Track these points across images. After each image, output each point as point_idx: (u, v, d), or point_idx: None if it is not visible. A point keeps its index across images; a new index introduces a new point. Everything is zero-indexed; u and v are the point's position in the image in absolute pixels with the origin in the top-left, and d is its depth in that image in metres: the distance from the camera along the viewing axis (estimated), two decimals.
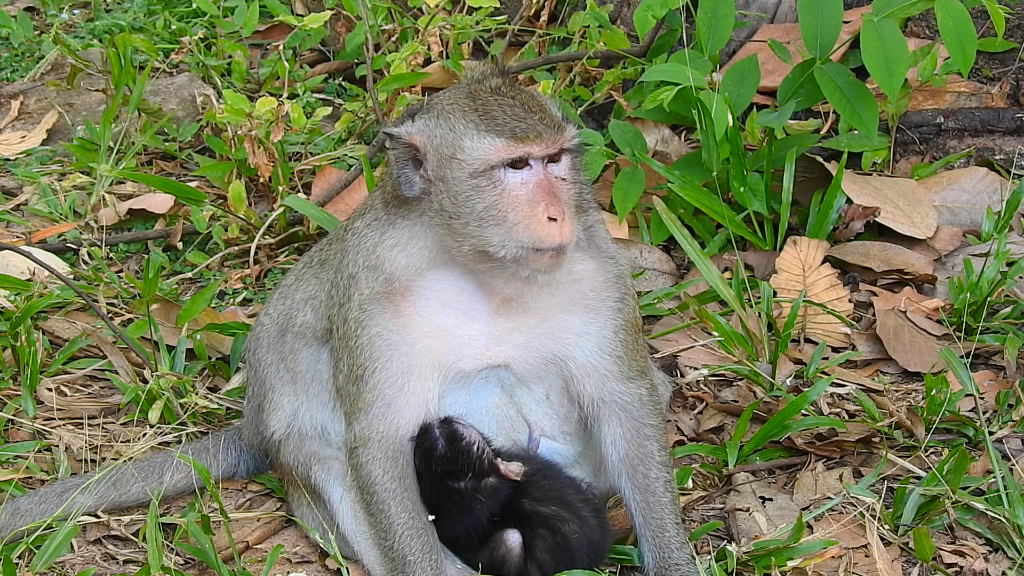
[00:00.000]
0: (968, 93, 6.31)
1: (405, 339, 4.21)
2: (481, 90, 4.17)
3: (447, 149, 4.11)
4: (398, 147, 4.18)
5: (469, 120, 4.09)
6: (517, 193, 4.07)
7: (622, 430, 4.37)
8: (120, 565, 4.51)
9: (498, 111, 4.10)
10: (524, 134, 4.06)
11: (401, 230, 4.25)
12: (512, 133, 4.06)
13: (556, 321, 4.28)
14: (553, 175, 4.11)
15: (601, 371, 4.33)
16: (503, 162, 4.07)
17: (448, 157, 4.11)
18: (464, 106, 4.14)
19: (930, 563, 4.41)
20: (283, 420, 4.60)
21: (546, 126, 4.08)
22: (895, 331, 5.43)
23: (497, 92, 4.16)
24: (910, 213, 5.88)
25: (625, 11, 6.56)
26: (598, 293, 4.33)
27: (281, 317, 4.68)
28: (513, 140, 4.06)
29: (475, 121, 4.09)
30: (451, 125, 4.12)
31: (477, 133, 4.08)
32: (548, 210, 4.05)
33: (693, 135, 6.29)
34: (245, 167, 6.07)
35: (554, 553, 4.26)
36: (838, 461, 4.89)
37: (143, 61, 7.08)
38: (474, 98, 4.15)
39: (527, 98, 4.14)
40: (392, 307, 4.22)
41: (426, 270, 4.23)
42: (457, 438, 4.22)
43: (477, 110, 4.11)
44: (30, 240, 6.04)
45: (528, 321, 4.27)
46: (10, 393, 5.19)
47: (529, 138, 4.06)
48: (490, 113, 4.10)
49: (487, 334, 4.25)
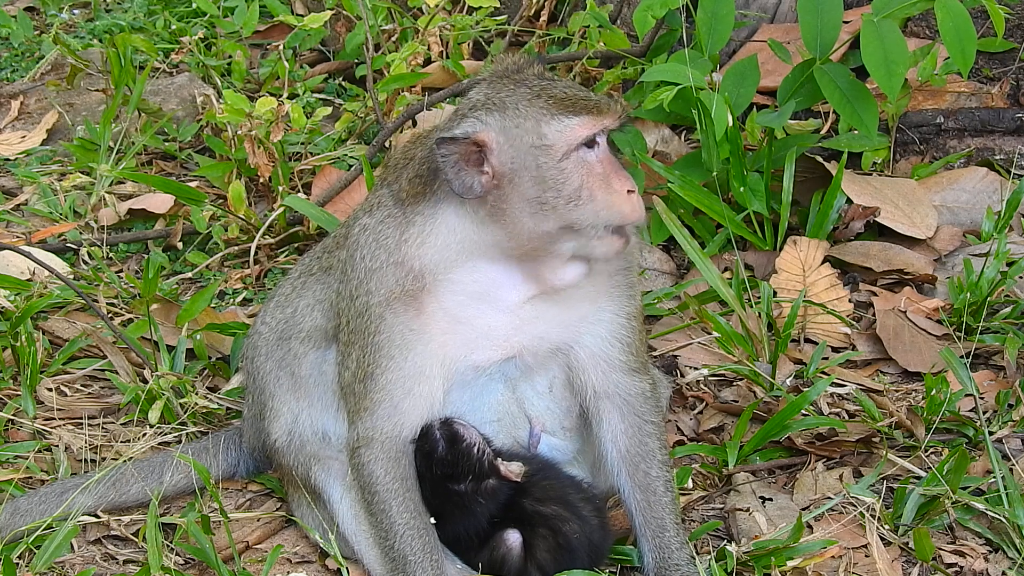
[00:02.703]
0: (968, 93, 6.31)
1: (421, 338, 4.19)
2: (530, 78, 4.18)
3: (527, 137, 4.09)
4: (457, 149, 4.09)
5: (539, 106, 4.09)
6: (598, 171, 4.11)
7: (623, 425, 4.37)
8: (120, 565, 4.51)
9: (562, 93, 4.11)
10: (599, 108, 4.10)
11: (425, 226, 4.21)
12: (589, 110, 4.09)
13: (572, 307, 4.29)
14: (610, 152, 4.17)
15: (608, 359, 4.33)
16: (585, 140, 4.09)
17: (530, 146, 4.09)
18: (525, 94, 4.13)
19: (930, 563, 4.41)
20: (284, 427, 4.58)
21: (607, 102, 4.13)
22: (895, 331, 5.43)
23: (545, 78, 4.18)
24: (910, 213, 5.88)
25: (625, 11, 6.57)
26: (612, 279, 4.34)
27: (280, 325, 4.64)
28: (593, 116, 4.09)
29: (547, 106, 4.09)
30: (522, 114, 4.10)
31: (555, 116, 4.09)
32: (626, 183, 4.12)
33: (693, 135, 6.29)
34: (245, 167, 6.08)
35: (555, 553, 4.26)
36: (838, 461, 4.89)
37: (143, 61, 7.08)
38: (529, 86, 4.15)
39: (567, 85, 4.17)
40: (416, 304, 4.20)
41: (456, 264, 4.20)
42: (457, 440, 4.21)
43: (541, 96, 4.11)
44: (30, 240, 6.04)
45: (551, 310, 4.27)
46: (10, 393, 5.19)
47: (604, 112, 4.10)
48: (557, 96, 4.11)
49: (508, 324, 4.23)
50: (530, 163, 4.09)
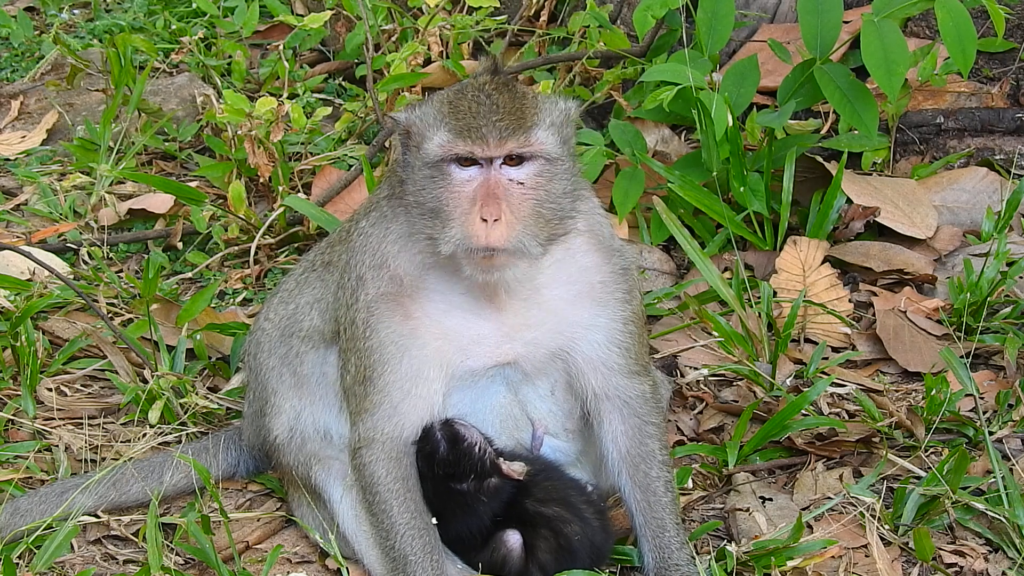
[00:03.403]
0: (968, 93, 6.31)
1: (415, 342, 4.21)
2: (470, 84, 4.16)
3: (418, 137, 4.15)
4: (400, 131, 4.23)
5: (439, 111, 4.11)
6: (460, 190, 4.06)
7: (624, 427, 4.37)
8: (120, 565, 4.51)
9: (464, 106, 4.08)
10: (468, 133, 4.04)
11: (402, 224, 4.26)
12: (459, 130, 4.05)
13: (565, 315, 4.29)
14: (507, 177, 4.07)
15: (607, 364, 4.33)
16: (449, 156, 4.06)
17: (417, 145, 4.15)
18: (444, 97, 4.15)
19: (930, 563, 4.41)
20: (285, 424, 4.59)
21: (497, 129, 4.03)
22: (895, 331, 5.43)
23: (480, 88, 4.12)
24: (910, 213, 5.88)
25: (625, 11, 6.56)
26: (606, 286, 4.33)
27: (283, 321, 4.67)
28: (457, 136, 4.04)
29: (443, 113, 4.10)
30: (428, 113, 4.14)
31: (437, 124, 4.09)
32: (483, 210, 4.02)
33: (693, 135, 6.29)
34: (245, 167, 6.08)
35: (556, 554, 4.26)
36: (838, 461, 4.89)
37: (143, 61, 7.08)
38: (458, 91, 4.15)
39: (506, 98, 4.09)
40: (401, 309, 4.22)
41: (431, 267, 4.23)
42: (458, 439, 4.22)
43: (451, 103, 4.11)
44: (30, 240, 6.04)
45: (537, 316, 4.27)
46: (10, 393, 5.19)
47: (472, 138, 4.04)
48: (456, 107, 4.09)
49: (496, 332, 4.25)
50: (416, 160, 4.14)
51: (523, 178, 4.08)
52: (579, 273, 4.29)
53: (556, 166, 4.12)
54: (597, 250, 4.34)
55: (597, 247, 4.34)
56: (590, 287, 4.31)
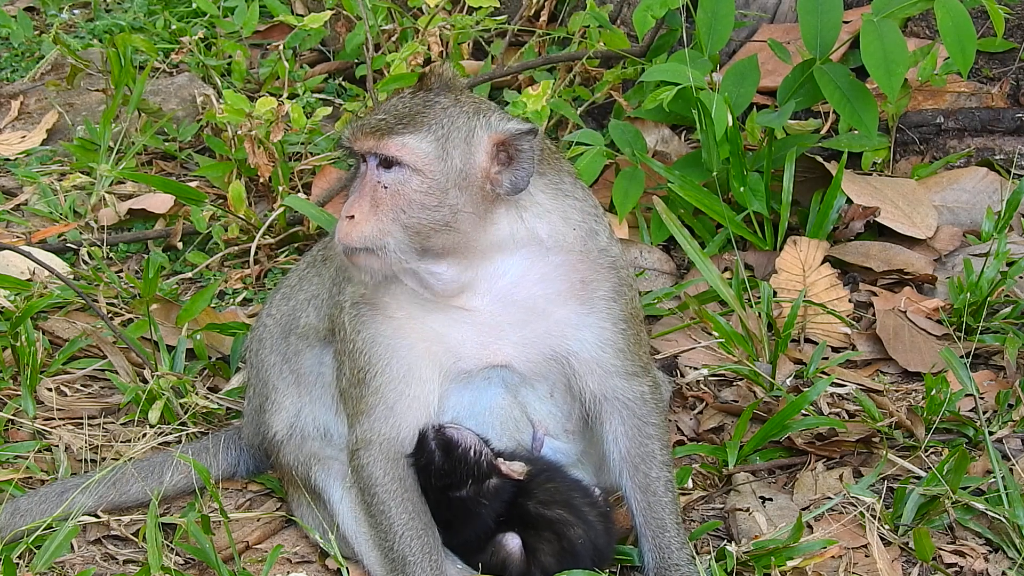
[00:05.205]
0: (968, 93, 6.31)
1: (402, 341, 4.21)
2: (410, 88, 4.25)
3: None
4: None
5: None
6: (352, 185, 4.17)
7: (624, 428, 4.37)
8: (120, 565, 4.51)
9: (389, 104, 4.17)
10: (348, 124, 4.14)
11: None
12: (359, 128, 4.12)
13: (551, 315, 4.26)
14: (377, 179, 4.10)
15: (603, 366, 4.31)
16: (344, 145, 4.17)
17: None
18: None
19: (930, 563, 4.41)
20: (285, 421, 4.60)
21: (368, 125, 4.09)
22: (895, 331, 5.43)
23: (411, 93, 4.20)
24: (910, 213, 5.88)
25: (625, 11, 6.56)
26: (587, 284, 4.28)
27: (284, 317, 4.68)
28: (354, 135, 4.14)
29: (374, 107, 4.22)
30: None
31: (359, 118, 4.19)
32: (345, 207, 4.11)
33: (693, 135, 6.29)
34: (245, 167, 6.08)
35: (559, 557, 4.25)
36: (838, 461, 4.89)
37: (143, 61, 7.08)
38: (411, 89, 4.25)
39: (409, 103, 4.13)
40: (383, 309, 4.23)
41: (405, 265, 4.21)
42: (452, 446, 4.20)
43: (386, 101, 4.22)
44: (30, 240, 6.04)
45: (519, 316, 4.24)
46: (10, 393, 5.19)
47: (348, 129, 4.15)
48: (383, 105, 4.20)
49: (478, 332, 4.23)
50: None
51: (388, 182, 4.09)
52: (554, 270, 4.24)
53: (423, 179, 4.08)
54: (575, 248, 4.26)
55: (576, 244, 4.26)
56: (571, 286, 4.26)
